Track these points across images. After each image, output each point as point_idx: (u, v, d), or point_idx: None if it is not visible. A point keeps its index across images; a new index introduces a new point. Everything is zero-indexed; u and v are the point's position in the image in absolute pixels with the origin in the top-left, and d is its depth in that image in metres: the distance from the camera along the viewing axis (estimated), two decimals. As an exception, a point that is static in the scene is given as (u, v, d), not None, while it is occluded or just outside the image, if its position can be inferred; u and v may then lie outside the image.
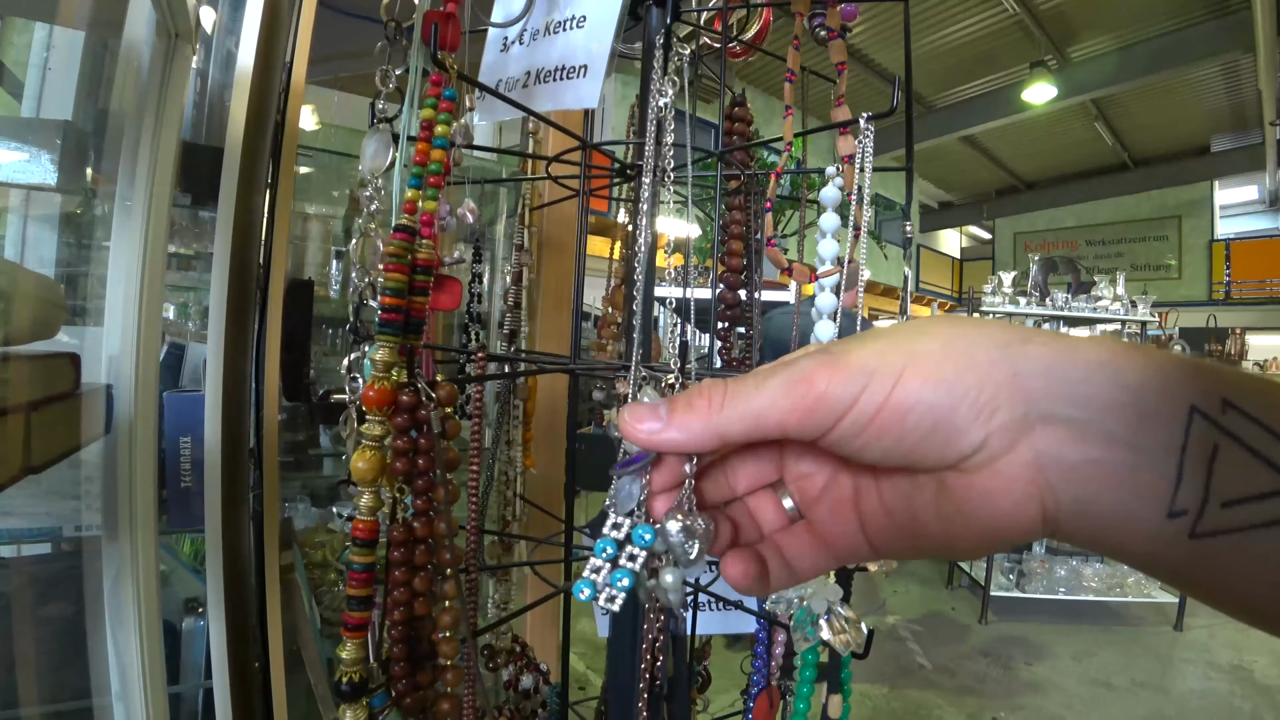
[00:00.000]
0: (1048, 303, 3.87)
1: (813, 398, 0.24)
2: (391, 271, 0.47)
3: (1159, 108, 8.26)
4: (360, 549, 0.46)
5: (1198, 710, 2.86)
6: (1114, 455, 0.22)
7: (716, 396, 0.25)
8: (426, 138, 0.50)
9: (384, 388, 0.46)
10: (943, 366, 0.23)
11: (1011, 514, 0.24)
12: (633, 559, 0.26)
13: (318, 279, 1.68)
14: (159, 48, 0.70)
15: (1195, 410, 0.21)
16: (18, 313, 0.40)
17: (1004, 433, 0.23)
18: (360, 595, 0.47)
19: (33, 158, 0.72)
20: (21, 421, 0.38)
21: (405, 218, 0.48)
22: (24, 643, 0.76)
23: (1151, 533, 0.22)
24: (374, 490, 0.47)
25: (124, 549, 0.69)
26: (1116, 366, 0.22)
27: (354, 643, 0.47)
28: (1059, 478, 0.23)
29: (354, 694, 0.47)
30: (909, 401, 0.23)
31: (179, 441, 0.79)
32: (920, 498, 0.26)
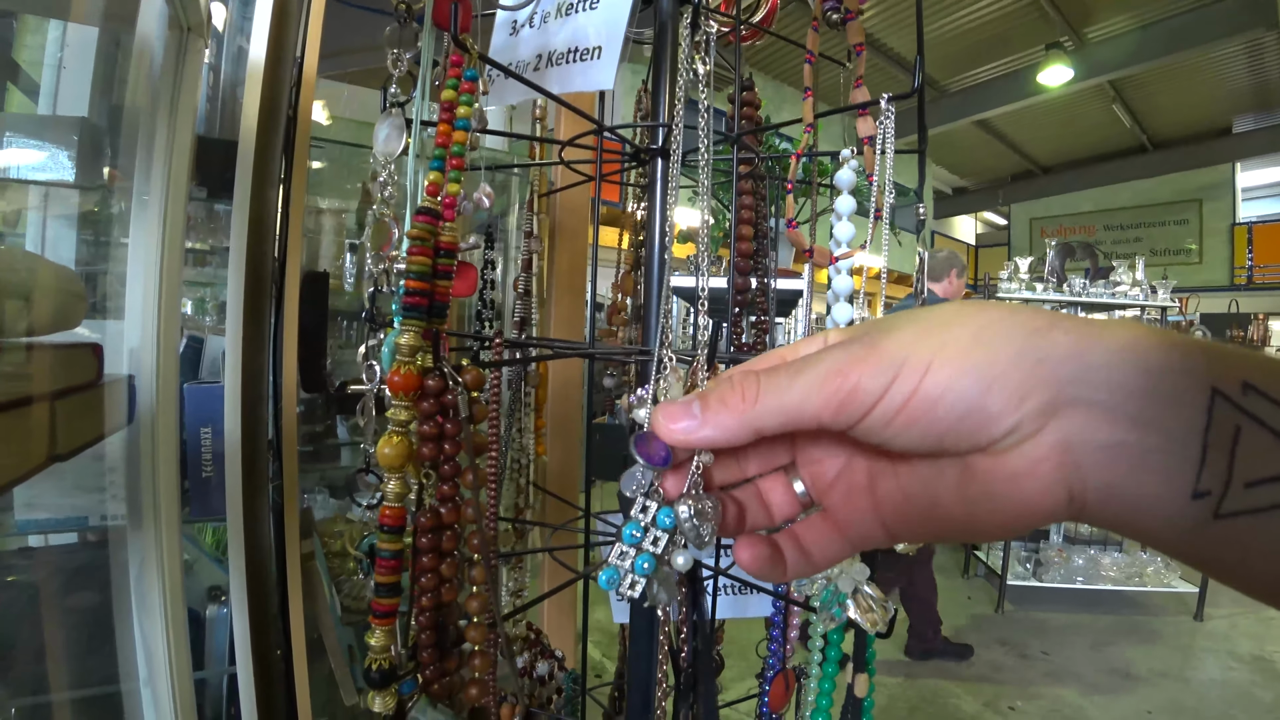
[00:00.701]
0: (1065, 289, 3.81)
1: (846, 391, 0.24)
2: (415, 254, 0.47)
3: (1179, 88, 8.08)
4: (388, 536, 0.46)
5: (1218, 700, 2.84)
6: (1139, 438, 0.22)
7: (750, 391, 0.26)
8: (448, 119, 0.49)
9: (409, 373, 0.46)
10: (972, 354, 0.24)
11: (1039, 496, 0.24)
12: (655, 543, 0.26)
13: (331, 272, 1.69)
14: (171, 41, 0.70)
15: (1216, 392, 0.21)
16: (39, 303, 0.41)
17: (1034, 418, 0.23)
18: (388, 582, 0.47)
19: (51, 154, 0.72)
20: (46, 409, 0.39)
21: (428, 200, 0.48)
22: (53, 630, 0.78)
23: (1176, 514, 0.22)
24: (400, 476, 0.47)
25: (148, 538, 0.70)
26: (1139, 350, 0.23)
27: (383, 630, 0.47)
28: (1086, 460, 0.23)
29: (383, 681, 0.47)
30: (938, 390, 0.23)
31: (199, 432, 0.80)
32: (942, 481, 0.26)
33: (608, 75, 0.59)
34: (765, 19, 0.70)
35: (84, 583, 0.81)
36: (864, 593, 0.33)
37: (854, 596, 0.33)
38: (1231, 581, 0.23)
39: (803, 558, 0.29)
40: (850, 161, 0.51)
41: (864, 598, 0.34)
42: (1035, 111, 8.48)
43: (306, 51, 0.76)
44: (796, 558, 0.29)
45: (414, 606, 0.50)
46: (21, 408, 0.34)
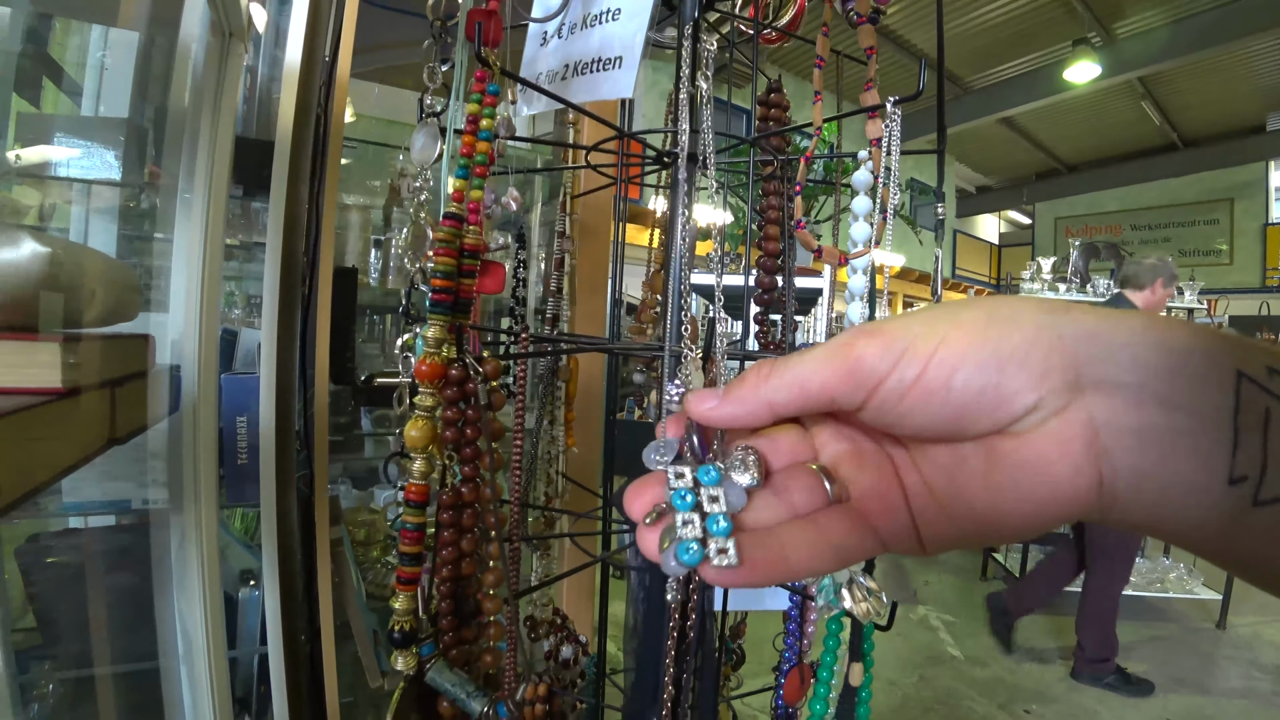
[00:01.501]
0: (1088, 289, 3.76)
1: (853, 359, 0.24)
2: (441, 256, 0.50)
3: (1211, 85, 7.90)
4: (412, 510, 0.50)
5: (1239, 710, 2.79)
6: (1169, 420, 0.21)
7: (764, 369, 0.26)
8: (473, 130, 0.53)
9: (435, 363, 0.50)
10: (988, 332, 0.23)
11: (1068, 481, 0.22)
12: (715, 500, 0.25)
13: (358, 267, 1.73)
14: (214, 46, 0.73)
15: (1242, 375, 0.21)
16: (103, 297, 0.44)
17: (1057, 395, 0.22)
18: (412, 552, 0.51)
19: (97, 154, 0.76)
20: (107, 396, 0.42)
21: (454, 205, 0.51)
22: (97, 608, 0.82)
23: (1213, 502, 0.21)
24: (425, 456, 0.51)
25: (188, 521, 0.74)
26: (1160, 331, 0.22)
27: (405, 595, 0.51)
28: (1115, 443, 0.22)
29: (405, 642, 0.51)
30: (952, 363, 0.23)
31: (235, 421, 0.84)
32: (965, 471, 0.25)
33: (627, 84, 0.61)
34: (792, 23, 0.71)
35: (126, 563, 0.85)
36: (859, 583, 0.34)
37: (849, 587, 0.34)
38: (1272, 581, 0.22)
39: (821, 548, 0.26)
40: (867, 163, 0.52)
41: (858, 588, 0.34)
42: (1061, 109, 8.34)
43: (340, 53, 0.79)
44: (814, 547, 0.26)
45: (435, 577, 0.54)
46: (87, 393, 0.37)
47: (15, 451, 0.29)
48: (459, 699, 0.55)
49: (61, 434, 0.35)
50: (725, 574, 0.24)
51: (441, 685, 0.55)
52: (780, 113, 0.72)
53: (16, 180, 0.80)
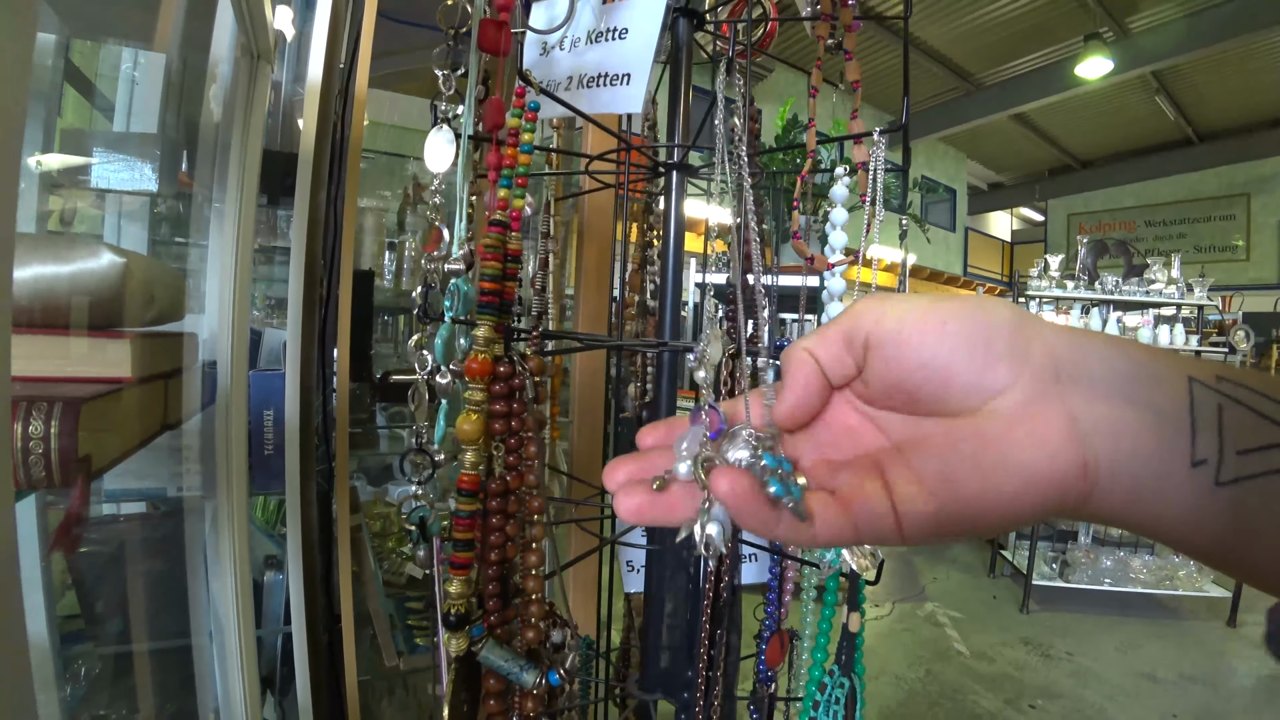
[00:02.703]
0: (1097, 286, 3.76)
1: (849, 320, 0.28)
2: (489, 260, 0.54)
3: (1227, 78, 7.80)
4: (465, 498, 0.53)
5: (1248, 707, 2.80)
6: (1135, 414, 0.24)
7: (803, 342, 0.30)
8: (514, 143, 0.56)
9: (485, 359, 0.52)
10: (979, 304, 0.27)
11: (1052, 461, 0.25)
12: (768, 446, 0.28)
13: (373, 269, 1.79)
14: (243, 67, 0.79)
15: (1193, 380, 0.24)
16: (160, 299, 0.49)
17: (1037, 380, 0.25)
18: (466, 538, 0.54)
19: (135, 168, 0.82)
20: (162, 387, 0.47)
21: (499, 213, 0.55)
22: (135, 588, 0.88)
23: (1179, 483, 0.24)
24: (477, 448, 0.53)
25: (221, 507, 0.80)
26: (1119, 344, 0.26)
27: (459, 579, 0.54)
28: (1092, 429, 0.25)
29: (459, 624, 0.54)
30: (941, 316, 0.26)
31: (262, 415, 0.89)
32: (956, 456, 0.26)
33: (636, 101, 0.65)
34: (764, 41, 0.76)
35: (162, 548, 0.91)
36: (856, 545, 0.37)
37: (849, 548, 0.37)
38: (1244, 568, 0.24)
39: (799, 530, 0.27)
40: (844, 179, 0.57)
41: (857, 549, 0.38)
42: (1074, 104, 8.27)
43: (358, 72, 0.84)
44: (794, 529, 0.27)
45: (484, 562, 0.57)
46: (151, 382, 0.42)
47: (100, 429, 0.34)
48: (512, 673, 0.57)
49: (130, 417, 0.40)
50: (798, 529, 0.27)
51: (494, 663, 0.57)
52: (754, 126, 0.77)
53: (52, 190, 0.86)
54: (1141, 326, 3.76)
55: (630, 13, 0.67)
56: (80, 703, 0.88)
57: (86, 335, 0.39)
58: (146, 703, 0.93)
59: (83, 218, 0.96)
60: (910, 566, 4.29)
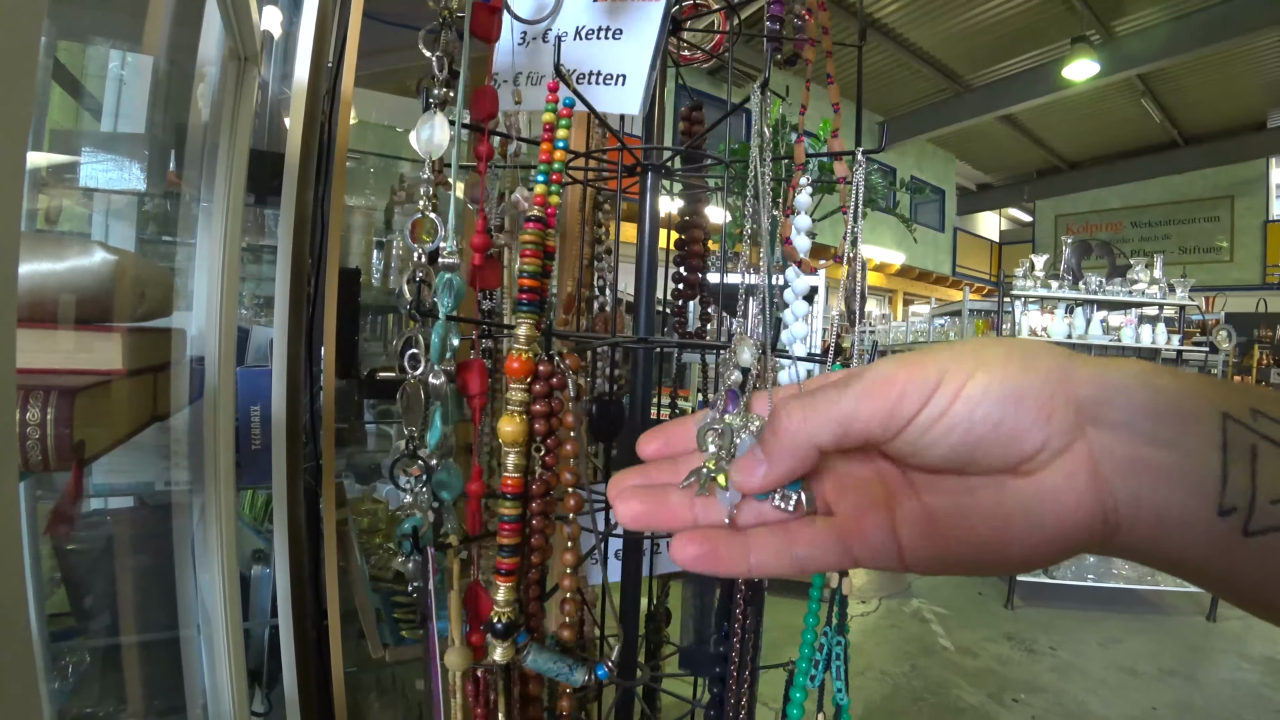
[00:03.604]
0: (1081, 286, 3.81)
1: (895, 397, 0.25)
2: (529, 256, 0.52)
3: (1212, 81, 7.91)
4: (511, 503, 0.51)
5: (1227, 700, 2.84)
6: (1160, 455, 0.23)
7: (797, 414, 0.27)
8: (550, 139, 0.55)
9: (526, 359, 0.50)
10: (1009, 367, 0.25)
11: (1072, 512, 0.24)
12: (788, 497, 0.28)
13: (360, 268, 1.80)
14: (231, 70, 0.80)
15: (1228, 416, 0.23)
16: (150, 296, 0.51)
17: (1061, 434, 0.24)
18: (513, 543, 0.51)
19: (124, 167, 0.83)
20: (152, 380, 0.49)
21: (537, 209, 0.53)
22: (124, 582, 0.89)
23: (1205, 531, 0.23)
24: (519, 449, 0.51)
25: (209, 501, 0.81)
26: (1150, 376, 0.24)
27: (506, 586, 0.52)
28: (1114, 472, 0.24)
29: (507, 633, 0.51)
30: (978, 395, 0.24)
31: (249, 410, 0.91)
32: (973, 501, 0.26)
33: (634, 102, 0.63)
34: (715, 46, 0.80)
35: (150, 541, 0.93)
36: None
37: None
38: (1269, 610, 0.23)
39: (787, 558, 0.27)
40: (806, 189, 0.59)
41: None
42: (1062, 106, 8.36)
43: (344, 74, 0.86)
44: (778, 553, 0.27)
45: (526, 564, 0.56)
46: (141, 375, 0.44)
47: (92, 417, 0.36)
48: (562, 674, 0.55)
49: (121, 408, 0.42)
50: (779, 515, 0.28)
51: (543, 667, 0.55)
52: (699, 127, 0.80)
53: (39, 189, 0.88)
54: (1125, 326, 3.82)
55: (626, 16, 0.66)
56: (69, 697, 0.89)
57: (79, 330, 0.41)
58: (135, 696, 0.94)
59: (69, 216, 0.97)
60: (898, 563, 4.33)
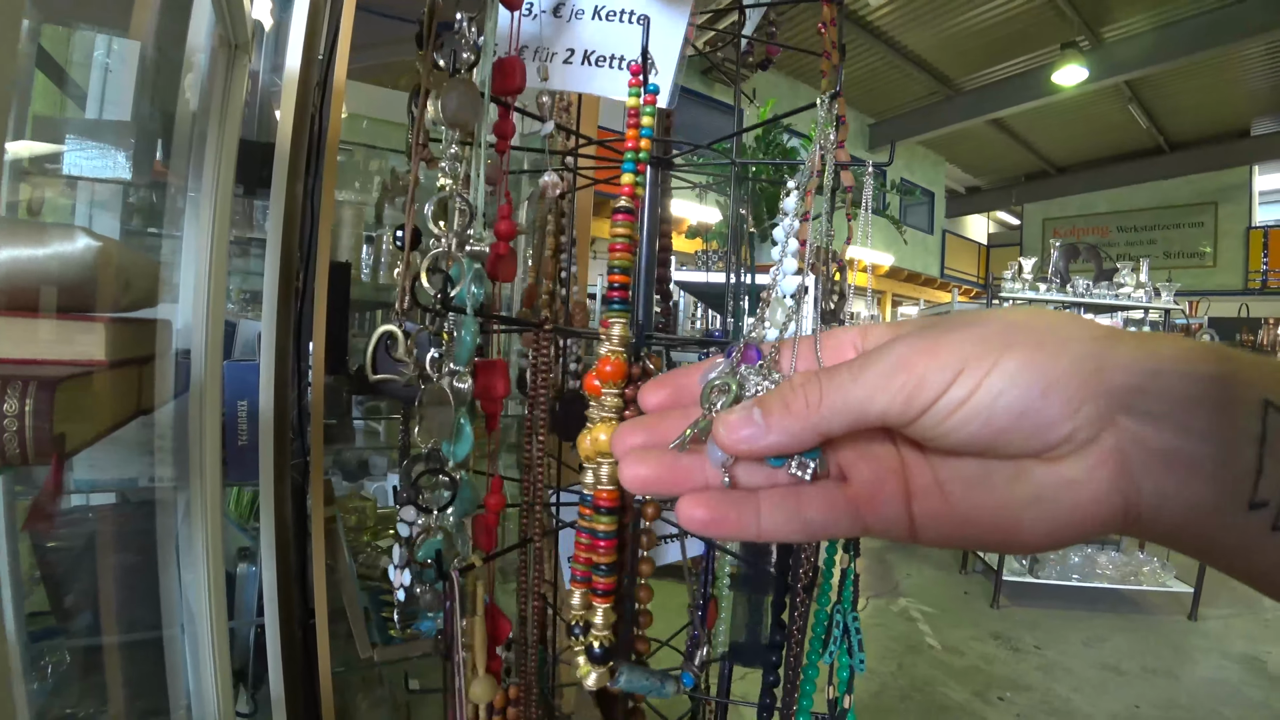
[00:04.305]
0: (1068, 289, 3.85)
1: (913, 385, 0.24)
2: (620, 251, 0.49)
3: (1197, 89, 8.01)
4: (608, 518, 0.47)
5: (1208, 698, 2.88)
6: (1192, 446, 0.22)
7: (813, 394, 0.25)
8: (635, 124, 0.52)
9: (620, 362, 0.47)
10: (1036, 355, 0.23)
11: (1093, 503, 0.23)
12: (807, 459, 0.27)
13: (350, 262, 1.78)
14: (221, 57, 0.78)
15: (1270, 405, 0.21)
16: (135, 286, 0.49)
17: (1089, 425, 0.23)
18: (611, 561, 0.47)
19: (109, 155, 0.81)
20: (136, 372, 0.47)
21: (624, 200, 0.50)
22: (105, 580, 0.87)
23: (1232, 526, 0.22)
24: (613, 460, 0.45)
25: (194, 499, 0.79)
26: (1190, 360, 0.23)
27: (604, 608, 0.48)
28: (1140, 467, 0.23)
29: (606, 658, 0.48)
30: (1001, 386, 0.23)
31: (236, 405, 0.89)
32: (989, 484, 0.25)
33: (664, 94, 0.60)
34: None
35: (134, 538, 0.91)
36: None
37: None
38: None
39: (796, 518, 0.26)
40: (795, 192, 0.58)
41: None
42: (1050, 111, 8.44)
43: (336, 64, 0.84)
44: (789, 517, 0.26)
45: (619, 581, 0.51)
46: (124, 367, 0.42)
47: (73, 409, 0.34)
48: (654, 689, 0.52)
49: (104, 400, 0.41)
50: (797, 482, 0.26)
51: (636, 685, 0.52)
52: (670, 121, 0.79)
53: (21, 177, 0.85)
54: (1111, 329, 3.85)
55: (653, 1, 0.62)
56: (49, 698, 0.87)
57: (60, 319, 0.39)
58: (116, 697, 0.92)
59: (52, 206, 0.95)
60: (884, 563, 4.36)
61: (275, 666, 0.96)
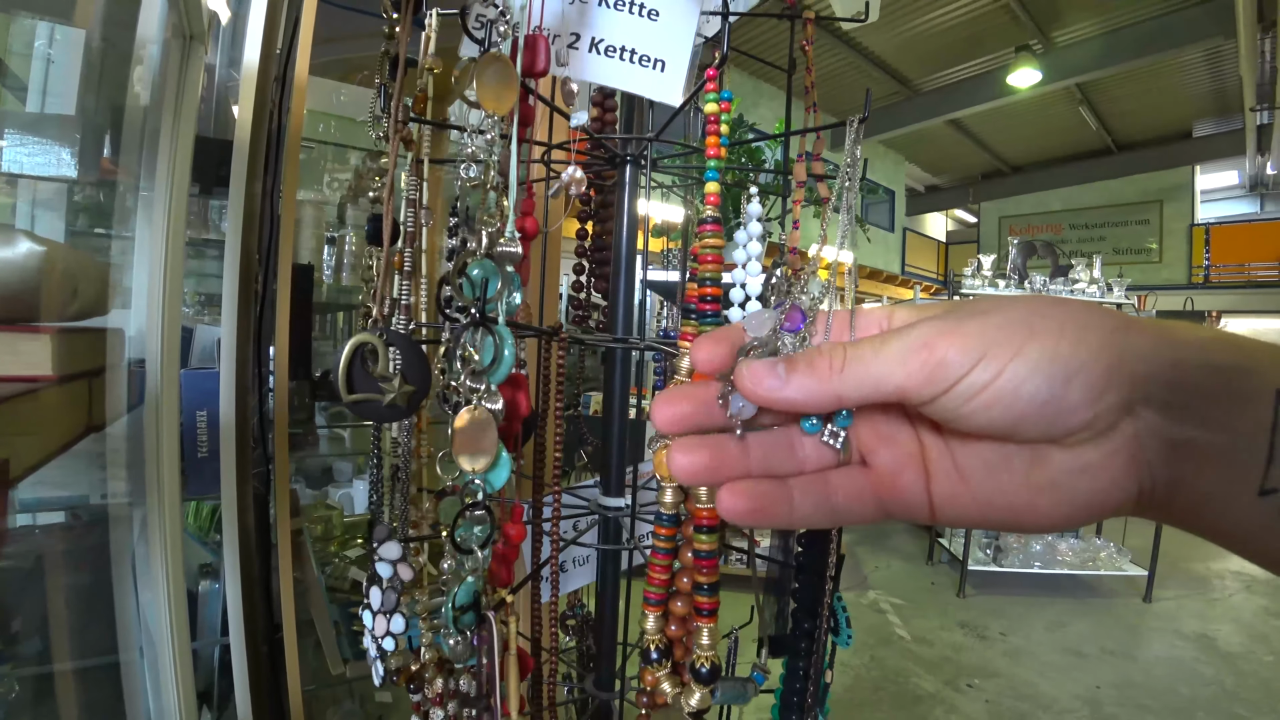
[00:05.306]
0: (1026, 285, 3.96)
1: (933, 364, 0.24)
2: (710, 262, 0.47)
3: (1142, 92, 8.34)
4: (709, 536, 0.46)
5: (1163, 676, 3.00)
6: (1206, 436, 0.23)
7: (837, 360, 0.26)
8: (715, 131, 0.49)
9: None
10: (1059, 344, 0.23)
11: (1109, 488, 0.24)
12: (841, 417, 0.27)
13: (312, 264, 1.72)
14: (174, 48, 0.74)
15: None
16: (84, 293, 0.46)
17: (1109, 413, 0.23)
18: (713, 581, 0.46)
19: (51, 152, 0.76)
20: (86, 386, 0.44)
21: (710, 209, 0.47)
22: (56, 604, 0.82)
23: (1243, 511, 0.23)
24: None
25: (151, 514, 0.75)
26: (1206, 350, 0.23)
27: (709, 629, 0.47)
28: (1156, 455, 0.23)
29: (712, 678, 0.47)
30: (1024, 373, 0.23)
31: (195, 415, 0.85)
32: (1007, 467, 0.25)
33: (675, 91, 0.59)
34: None
35: (86, 558, 0.86)
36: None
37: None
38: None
39: (827, 508, 0.27)
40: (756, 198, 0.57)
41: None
42: (1005, 112, 8.68)
43: (298, 58, 0.81)
44: (817, 504, 0.27)
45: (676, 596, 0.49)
46: (73, 381, 0.39)
47: (18, 431, 0.31)
48: (741, 697, 0.51)
49: (51, 419, 0.37)
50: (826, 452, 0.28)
51: (729, 696, 0.50)
52: (613, 116, 0.78)
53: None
54: (1067, 323, 3.98)
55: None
56: (-6, 728, 0.82)
57: (1, 330, 0.36)
58: (69, 725, 0.87)
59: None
60: (854, 556, 4.43)
61: (242, 686, 0.92)
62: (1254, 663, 3.13)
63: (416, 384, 0.46)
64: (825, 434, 0.27)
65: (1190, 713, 2.69)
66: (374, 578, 0.49)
